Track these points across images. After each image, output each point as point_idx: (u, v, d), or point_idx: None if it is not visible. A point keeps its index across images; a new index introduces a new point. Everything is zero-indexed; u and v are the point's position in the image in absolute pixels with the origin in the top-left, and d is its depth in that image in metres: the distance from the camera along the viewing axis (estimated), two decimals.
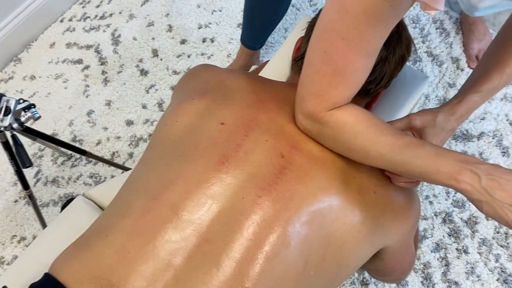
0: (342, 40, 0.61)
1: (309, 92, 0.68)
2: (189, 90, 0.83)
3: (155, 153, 0.75)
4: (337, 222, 0.68)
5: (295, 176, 0.68)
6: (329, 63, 0.64)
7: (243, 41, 1.52)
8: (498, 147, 1.46)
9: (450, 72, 1.61)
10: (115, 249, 0.62)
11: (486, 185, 0.58)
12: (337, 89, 0.66)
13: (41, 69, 1.79)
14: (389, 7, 0.57)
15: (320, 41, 0.64)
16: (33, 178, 1.58)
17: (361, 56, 0.63)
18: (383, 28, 0.61)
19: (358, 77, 0.66)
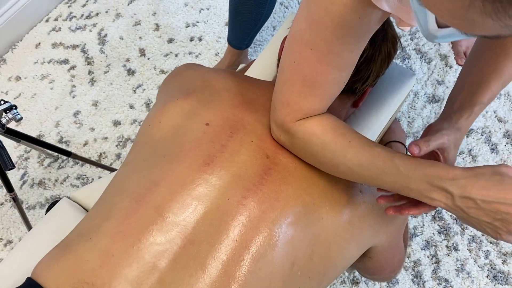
0: (311, 50, 0.59)
1: (280, 101, 0.66)
2: (174, 90, 0.82)
3: (139, 154, 0.74)
4: (323, 222, 0.67)
5: (280, 176, 0.67)
6: (298, 73, 0.62)
7: (229, 41, 1.51)
8: (487, 144, 1.46)
9: (439, 69, 1.61)
10: (99, 253, 0.61)
11: (460, 203, 0.54)
12: (307, 100, 0.64)
13: (26, 70, 1.77)
14: (357, 19, 0.55)
15: (290, 50, 0.63)
16: (19, 180, 1.56)
17: (331, 68, 0.61)
18: (353, 41, 0.58)
19: (329, 89, 0.64)
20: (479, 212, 0.54)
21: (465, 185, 0.54)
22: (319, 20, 0.56)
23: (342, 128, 0.66)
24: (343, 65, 0.61)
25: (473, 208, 0.54)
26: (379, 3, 0.51)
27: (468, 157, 1.44)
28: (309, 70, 0.61)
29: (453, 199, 0.55)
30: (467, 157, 1.44)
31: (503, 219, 0.53)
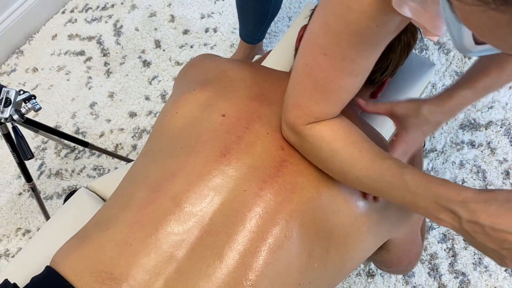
0: (324, 56, 0.57)
1: (292, 102, 0.64)
2: (191, 80, 0.82)
3: (156, 145, 0.74)
4: (339, 215, 0.66)
5: (295, 168, 0.66)
6: (310, 77, 0.60)
7: (241, 36, 1.51)
8: (507, 136, 1.43)
9: (457, 60, 1.58)
10: (117, 242, 0.62)
11: (467, 227, 0.52)
12: (318, 104, 0.62)
13: (43, 61, 1.78)
14: (374, 27, 0.52)
15: (304, 52, 0.61)
16: (36, 170, 1.58)
17: (344, 75, 0.59)
18: (369, 48, 0.56)
19: (341, 95, 0.62)
20: (486, 238, 0.51)
21: (474, 210, 0.51)
22: (335, 27, 0.54)
23: (353, 136, 0.64)
24: (357, 71, 0.59)
25: (480, 233, 0.51)
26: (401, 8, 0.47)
27: (487, 149, 1.42)
28: (321, 75, 0.59)
29: (460, 222, 0.52)
30: (485, 149, 1.42)
31: (510, 249, 0.50)
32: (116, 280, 0.59)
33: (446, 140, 1.45)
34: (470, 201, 0.51)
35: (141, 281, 0.58)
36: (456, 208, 0.52)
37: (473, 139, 1.44)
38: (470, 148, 1.43)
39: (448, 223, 0.54)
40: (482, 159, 1.41)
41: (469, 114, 1.48)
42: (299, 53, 0.62)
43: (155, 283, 0.58)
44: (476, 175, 1.38)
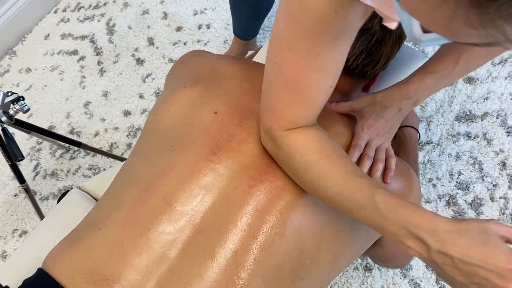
0: (290, 50, 0.56)
1: (267, 106, 0.63)
2: (181, 77, 0.81)
3: (147, 144, 0.73)
4: (330, 210, 0.66)
5: None
6: (280, 76, 0.59)
7: (235, 32, 1.49)
8: (503, 127, 1.43)
9: None
10: (108, 242, 0.61)
11: (436, 258, 0.49)
12: (291, 107, 0.60)
13: (36, 62, 1.77)
14: (333, 13, 0.50)
15: (271, 51, 0.59)
16: (32, 171, 1.57)
17: (312, 70, 0.57)
18: (332, 39, 0.54)
19: (313, 95, 0.60)
20: (455, 271, 0.48)
21: (445, 240, 0.48)
22: (296, 16, 0.53)
23: (328, 150, 0.62)
24: (324, 67, 0.57)
25: (449, 266, 0.48)
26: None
27: (483, 140, 1.41)
28: (290, 72, 0.58)
29: (429, 251, 0.49)
30: (482, 140, 1.41)
31: (480, 284, 0.47)
32: (108, 281, 0.58)
33: (442, 132, 1.44)
34: (441, 230, 0.49)
35: (133, 281, 0.58)
36: (426, 236, 0.49)
37: (469, 130, 1.43)
38: (466, 140, 1.42)
39: (416, 251, 0.51)
40: (479, 150, 1.40)
41: (465, 106, 1.47)
42: (268, 52, 0.60)
43: (147, 283, 0.58)
44: (473, 167, 1.38)
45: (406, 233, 0.51)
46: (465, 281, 0.48)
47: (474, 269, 0.46)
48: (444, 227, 0.49)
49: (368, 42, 0.80)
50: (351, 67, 0.82)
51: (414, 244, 0.51)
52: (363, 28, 0.79)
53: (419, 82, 0.73)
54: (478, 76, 1.51)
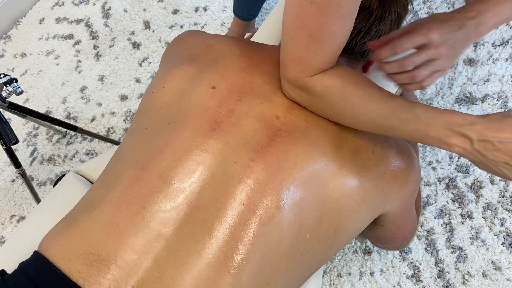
0: (311, 4, 0.57)
1: (290, 59, 0.64)
2: (177, 56, 0.80)
3: (143, 122, 0.72)
4: (334, 183, 0.65)
5: (290, 136, 0.65)
6: (302, 29, 0.60)
7: (235, 12, 1.46)
8: (503, 109, 1.41)
9: None
10: (103, 223, 0.60)
11: (478, 147, 0.56)
12: (317, 54, 0.62)
13: (31, 46, 1.75)
14: None
15: (291, 6, 0.60)
16: (29, 157, 1.56)
17: (334, 19, 0.59)
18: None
19: (336, 39, 0.62)
20: (497, 153, 0.55)
21: (482, 129, 0.56)
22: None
23: (362, 80, 0.65)
24: (345, 13, 0.59)
25: (491, 150, 0.55)
26: None
27: None
28: (313, 24, 0.59)
29: (471, 143, 0.56)
30: None
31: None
32: (104, 261, 0.57)
33: None
34: (477, 123, 0.56)
35: (129, 261, 0.57)
36: (466, 131, 0.56)
37: (469, 113, 1.42)
38: None
39: (460, 147, 0.57)
40: None
41: (465, 88, 1.46)
42: (286, 8, 0.62)
43: (144, 262, 0.57)
44: None
45: (449, 133, 0.58)
46: (507, 159, 0.55)
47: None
48: (478, 120, 0.57)
49: (367, 20, 0.78)
50: (349, 45, 0.81)
51: (458, 140, 0.57)
52: (362, 6, 0.77)
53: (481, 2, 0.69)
54: (479, 58, 1.50)
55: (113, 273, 0.56)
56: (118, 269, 0.57)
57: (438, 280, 1.23)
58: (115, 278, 0.56)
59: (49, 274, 0.58)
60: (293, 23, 0.61)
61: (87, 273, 0.57)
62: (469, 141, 0.57)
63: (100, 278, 0.56)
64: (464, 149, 0.58)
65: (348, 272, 1.25)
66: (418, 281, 1.23)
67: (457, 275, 1.23)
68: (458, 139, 0.57)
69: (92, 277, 0.56)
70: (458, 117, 0.58)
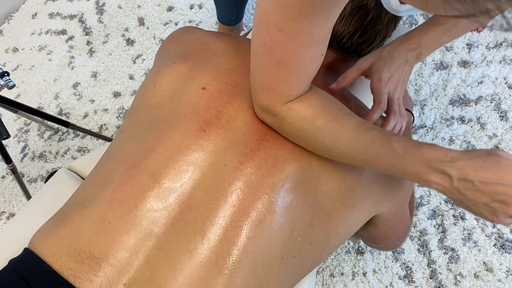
0: (279, 32, 0.53)
1: (260, 85, 0.61)
2: (171, 54, 0.79)
3: (134, 121, 0.71)
4: (322, 188, 0.65)
5: (277, 141, 0.65)
6: (271, 56, 0.57)
7: (218, 18, 1.46)
8: (496, 111, 1.42)
9: None
10: (95, 220, 0.60)
11: (458, 185, 0.53)
12: (287, 82, 0.59)
13: (23, 41, 1.73)
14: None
15: (259, 32, 0.57)
16: (20, 153, 1.54)
17: (304, 47, 0.55)
18: (323, 18, 0.53)
19: (307, 67, 0.59)
20: (477, 194, 0.52)
21: (463, 167, 0.52)
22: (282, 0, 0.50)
23: (334, 110, 0.62)
24: (316, 41, 0.56)
25: (471, 190, 0.52)
26: None
27: (477, 125, 1.41)
28: (282, 52, 0.56)
29: (451, 181, 0.53)
30: (475, 125, 1.41)
31: (502, 201, 0.51)
32: (96, 259, 0.57)
33: (435, 116, 1.43)
34: (458, 160, 0.53)
35: (121, 259, 0.57)
36: (446, 168, 0.53)
37: (463, 114, 1.43)
38: (460, 124, 1.41)
39: (439, 184, 0.54)
40: (472, 134, 1.39)
41: (459, 90, 1.46)
42: (254, 32, 0.58)
43: (135, 260, 0.57)
44: None
45: (427, 169, 0.54)
46: (487, 200, 0.52)
47: (494, 187, 0.51)
48: (459, 157, 0.53)
49: (364, 19, 0.78)
50: (346, 45, 0.80)
51: (437, 178, 0.54)
52: (359, 5, 0.77)
53: (423, 34, 0.72)
54: (473, 60, 1.50)
55: (105, 271, 0.56)
56: (110, 267, 0.56)
57: (430, 280, 1.23)
58: (106, 276, 0.56)
59: (40, 271, 0.58)
60: (261, 49, 0.57)
61: (78, 270, 0.56)
62: (449, 178, 0.53)
63: (91, 275, 0.56)
64: (443, 187, 0.54)
65: (341, 272, 1.25)
66: (410, 281, 1.23)
67: (449, 276, 1.23)
68: (437, 176, 0.54)
69: (83, 274, 0.56)
70: (438, 153, 0.54)
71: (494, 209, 0.52)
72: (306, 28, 0.53)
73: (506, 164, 0.51)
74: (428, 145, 0.56)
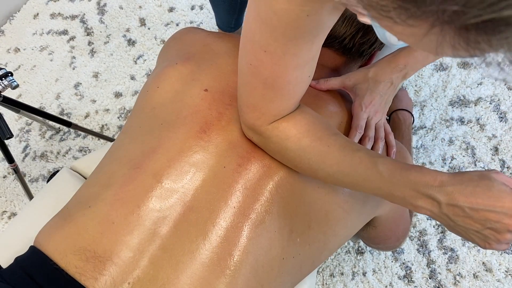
0: (265, 52, 0.52)
1: (246, 104, 0.61)
2: (173, 54, 0.80)
3: (137, 122, 0.72)
4: (319, 191, 0.66)
5: None
6: (257, 76, 0.56)
7: (217, 24, 1.45)
8: (496, 112, 1.43)
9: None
10: (99, 220, 0.61)
11: (447, 211, 0.51)
12: (273, 102, 0.58)
13: (25, 41, 1.74)
14: (306, 17, 0.47)
15: (245, 51, 0.56)
16: (21, 153, 1.55)
17: (290, 69, 0.54)
18: (308, 41, 0.52)
19: (294, 88, 0.58)
20: (467, 220, 0.50)
21: (452, 192, 0.50)
22: (267, 21, 0.49)
23: (319, 130, 0.60)
24: (302, 63, 0.55)
25: (461, 216, 0.50)
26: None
27: (476, 126, 1.41)
28: (267, 73, 0.55)
29: (439, 207, 0.51)
30: (475, 126, 1.41)
31: (493, 228, 0.49)
32: (100, 258, 0.58)
33: (435, 117, 1.44)
34: (447, 185, 0.50)
35: (125, 259, 0.57)
36: (434, 193, 0.51)
37: (462, 115, 1.43)
38: (460, 125, 1.42)
39: (427, 209, 0.52)
40: (471, 135, 1.40)
41: (459, 91, 1.47)
42: (241, 51, 0.57)
43: (140, 260, 0.58)
44: (465, 152, 1.38)
45: (415, 194, 0.52)
46: (478, 228, 0.50)
47: (485, 214, 0.48)
48: (449, 181, 0.50)
49: None
50: (348, 46, 0.81)
51: (425, 203, 0.52)
52: None
53: (408, 55, 0.72)
54: (473, 61, 1.51)
55: (109, 270, 0.57)
56: (115, 266, 0.57)
57: (429, 280, 1.24)
58: (111, 274, 0.56)
59: (46, 268, 0.58)
60: (247, 69, 0.57)
61: (83, 268, 0.57)
62: (437, 204, 0.51)
63: (96, 273, 0.56)
64: (431, 212, 0.52)
65: (341, 272, 1.26)
66: (410, 281, 1.24)
67: (448, 276, 1.24)
68: (425, 201, 0.52)
69: (88, 273, 0.57)
70: (426, 177, 0.52)
71: (485, 236, 0.50)
72: (291, 50, 0.52)
73: (499, 190, 0.49)
74: (416, 168, 0.53)
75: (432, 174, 0.52)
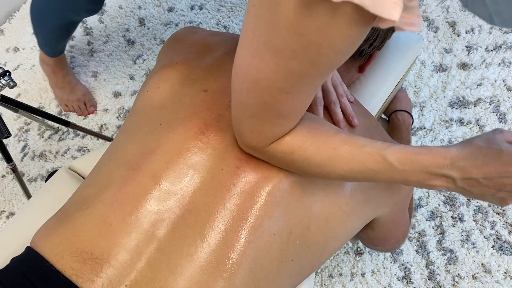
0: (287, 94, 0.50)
1: (250, 130, 0.58)
2: (173, 54, 0.80)
3: (135, 122, 0.72)
4: (319, 194, 0.65)
5: None
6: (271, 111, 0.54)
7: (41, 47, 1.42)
8: (495, 113, 1.43)
9: (447, 37, 1.56)
10: (96, 222, 0.60)
11: (463, 184, 0.53)
12: (282, 127, 0.57)
13: (24, 41, 1.73)
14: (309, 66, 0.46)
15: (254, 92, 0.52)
16: (20, 152, 1.54)
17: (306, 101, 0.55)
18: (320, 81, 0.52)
19: (303, 111, 0.57)
20: (483, 188, 0.52)
21: (464, 167, 0.52)
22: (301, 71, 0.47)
23: (321, 133, 0.59)
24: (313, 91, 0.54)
25: (477, 186, 0.53)
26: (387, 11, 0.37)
27: (476, 127, 1.41)
28: (285, 107, 0.53)
29: (454, 182, 0.53)
30: (474, 126, 1.41)
31: (509, 190, 0.52)
32: (97, 260, 0.57)
33: (434, 118, 1.44)
34: (458, 160, 0.52)
35: (123, 261, 0.57)
36: (447, 171, 0.53)
37: (462, 116, 1.43)
38: (459, 126, 1.42)
39: (443, 186, 0.54)
40: (471, 136, 1.40)
41: (458, 92, 1.47)
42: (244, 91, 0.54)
43: (137, 262, 0.57)
44: None
45: (429, 176, 0.54)
46: (494, 192, 0.53)
47: (500, 180, 0.51)
48: (459, 156, 0.52)
49: None
50: None
51: (440, 182, 0.54)
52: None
53: None
54: (472, 62, 1.51)
55: (106, 272, 0.56)
56: (112, 268, 0.56)
57: (428, 282, 1.24)
58: (108, 276, 0.56)
59: (42, 269, 0.58)
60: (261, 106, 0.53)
61: (80, 270, 0.56)
62: (452, 180, 0.53)
63: (93, 275, 0.56)
64: (447, 187, 0.54)
65: (340, 273, 1.25)
66: (408, 282, 1.24)
67: (447, 277, 1.24)
68: (440, 180, 0.54)
69: (85, 275, 0.56)
70: (436, 158, 0.53)
71: (501, 197, 0.53)
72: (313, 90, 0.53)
73: (508, 154, 0.50)
74: (424, 151, 0.54)
75: (442, 153, 0.53)
